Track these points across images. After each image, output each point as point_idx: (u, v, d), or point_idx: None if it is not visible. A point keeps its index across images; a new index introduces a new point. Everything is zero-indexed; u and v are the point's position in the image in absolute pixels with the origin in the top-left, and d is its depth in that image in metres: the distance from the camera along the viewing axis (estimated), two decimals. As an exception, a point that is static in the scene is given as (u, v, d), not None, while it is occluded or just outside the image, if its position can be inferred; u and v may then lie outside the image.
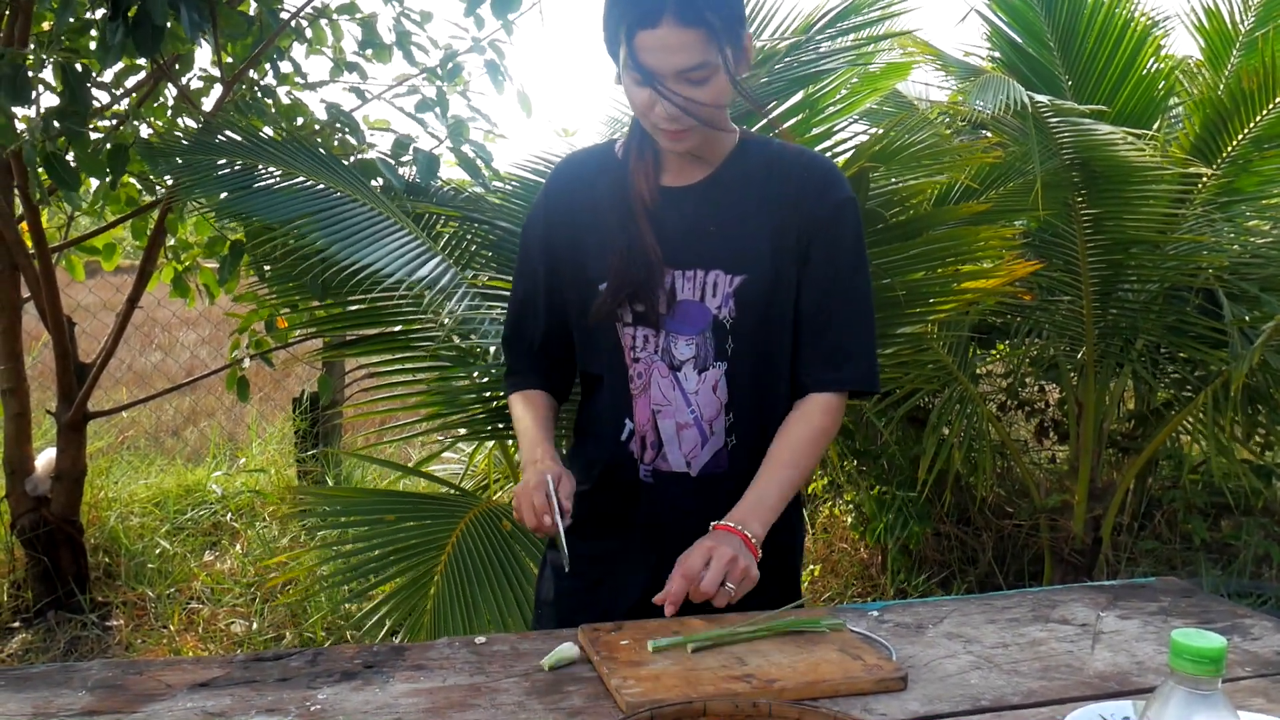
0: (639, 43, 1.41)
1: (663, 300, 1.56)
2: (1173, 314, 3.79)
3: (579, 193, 1.65)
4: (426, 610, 2.47)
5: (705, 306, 1.56)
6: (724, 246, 1.56)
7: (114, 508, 4.54)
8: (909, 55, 4.10)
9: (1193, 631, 0.91)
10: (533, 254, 1.69)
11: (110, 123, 3.52)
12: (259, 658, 1.38)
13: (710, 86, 1.46)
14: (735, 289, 1.55)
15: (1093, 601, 1.63)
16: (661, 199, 1.59)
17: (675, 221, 1.58)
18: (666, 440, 1.60)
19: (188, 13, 2.72)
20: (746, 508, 1.52)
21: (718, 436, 1.60)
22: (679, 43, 1.40)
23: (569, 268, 1.64)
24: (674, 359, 1.58)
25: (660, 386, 1.59)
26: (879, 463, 4.41)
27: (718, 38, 1.42)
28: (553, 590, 1.74)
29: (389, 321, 3.06)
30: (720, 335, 1.57)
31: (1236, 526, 4.53)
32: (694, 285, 1.56)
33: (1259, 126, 3.60)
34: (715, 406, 1.59)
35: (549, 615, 1.72)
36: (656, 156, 1.61)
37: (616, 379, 1.62)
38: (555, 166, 1.72)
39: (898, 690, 1.29)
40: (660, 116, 1.47)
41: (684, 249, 1.56)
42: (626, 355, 1.60)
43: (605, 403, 1.66)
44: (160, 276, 4.03)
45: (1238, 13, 4.24)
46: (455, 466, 4.19)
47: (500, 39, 3.75)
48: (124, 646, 3.66)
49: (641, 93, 1.47)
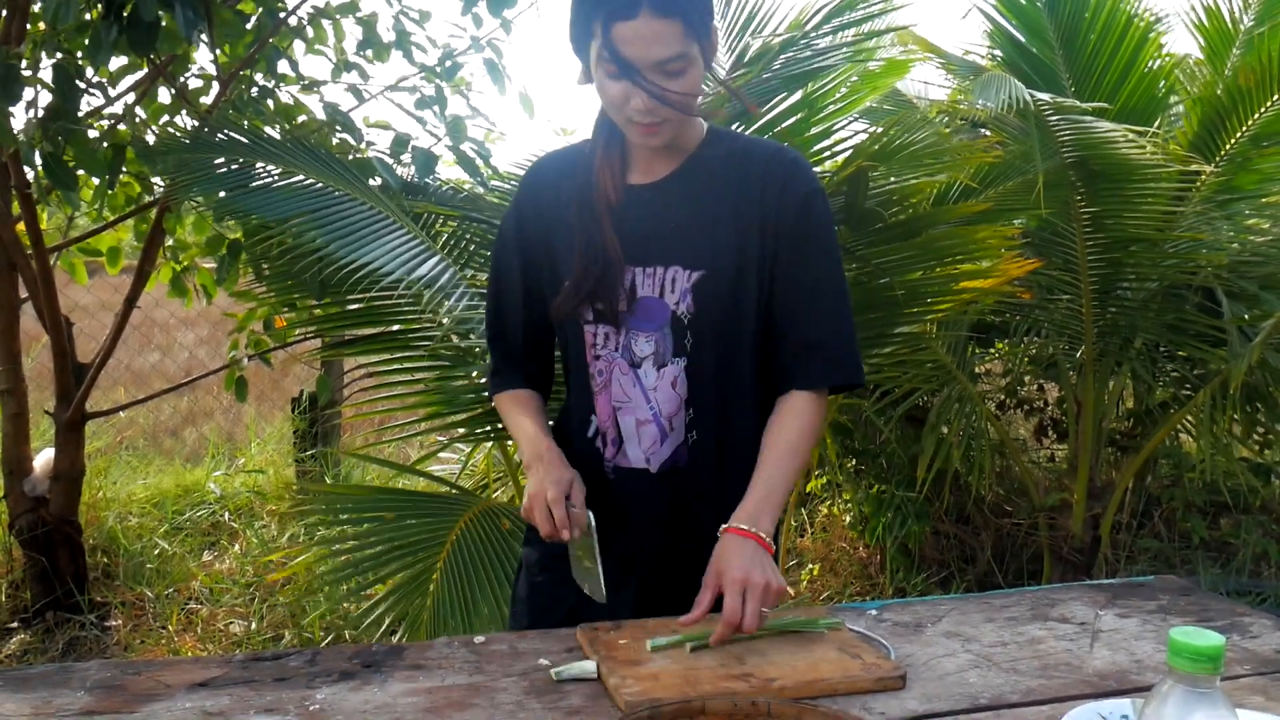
0: (616, 34, 1.41)
1: (623, 298, 1.56)
2: (1172, 312, 3.79)
3: (549, 191, 1.65)
4: (426, 608, 2.47)
5: (664, 302, 1.56)
6: (684, 242, 1.56)
7: (112, 508, 4.53)
8: (909, 53, 4.10)
9: (1191, 630, 0.91)
10: (508, 252, 1.69)
11: (108, 122, 3.51)
12: (257, 657, 1.38)
13: (686, 78, 1.46)
14: (693, 284, 1.55)
15: (1091, 600, 1.63)
16: (626, 197, 1.59)
17: (638, 219, 1.58)
18: (627, 437, 1.61)
19: (182, 11, 2.72)
20: (754, 500, 1.50)
21: (677, 432, 1.60)
22: (656, 34, 1.40)
23: (542, 265, 1.66)
24: (634, 356, 1.58)
25: (620, 383, 1.59)
26: (878, 462, 4.41)
27: (694, 29, 1.43)
28: (526, 587, 1.74)
29: (388, 321, 3.05)
30: (679, 331, 1.56)
31: (1235, 525, 4.53)
32: (654, 282, 1.56)
33: (1257, 124, 3.60)
34: (675, 402, 1.59)
35: (522, 612, 1.73)
36: (623, 154, 1.61)
37: (580, 376, 1.64)
38: (531, 165, 1.73)
39: (897, 689, 1.29)
40: (636, 109, 1.47)
41: (645, 246, 1.57)
42: (588, 352, 1.61)
43: (573, 400, 1.68)
44: (158, 276, 4.02)
45: (1237, 11, 4.23)
46: (454, 466, 4.19)
47: (499, 38, 3.75)
48: (122, 647, 3.66)
49: (616, 86, 1.46)
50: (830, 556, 4.63)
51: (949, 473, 4.03)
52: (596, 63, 1.47)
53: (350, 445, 5.27)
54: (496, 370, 1.77)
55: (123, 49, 2.84)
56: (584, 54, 1.50)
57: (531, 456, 1.59)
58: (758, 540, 1.44)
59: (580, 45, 1.50)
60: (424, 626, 2.44)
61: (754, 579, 1.39)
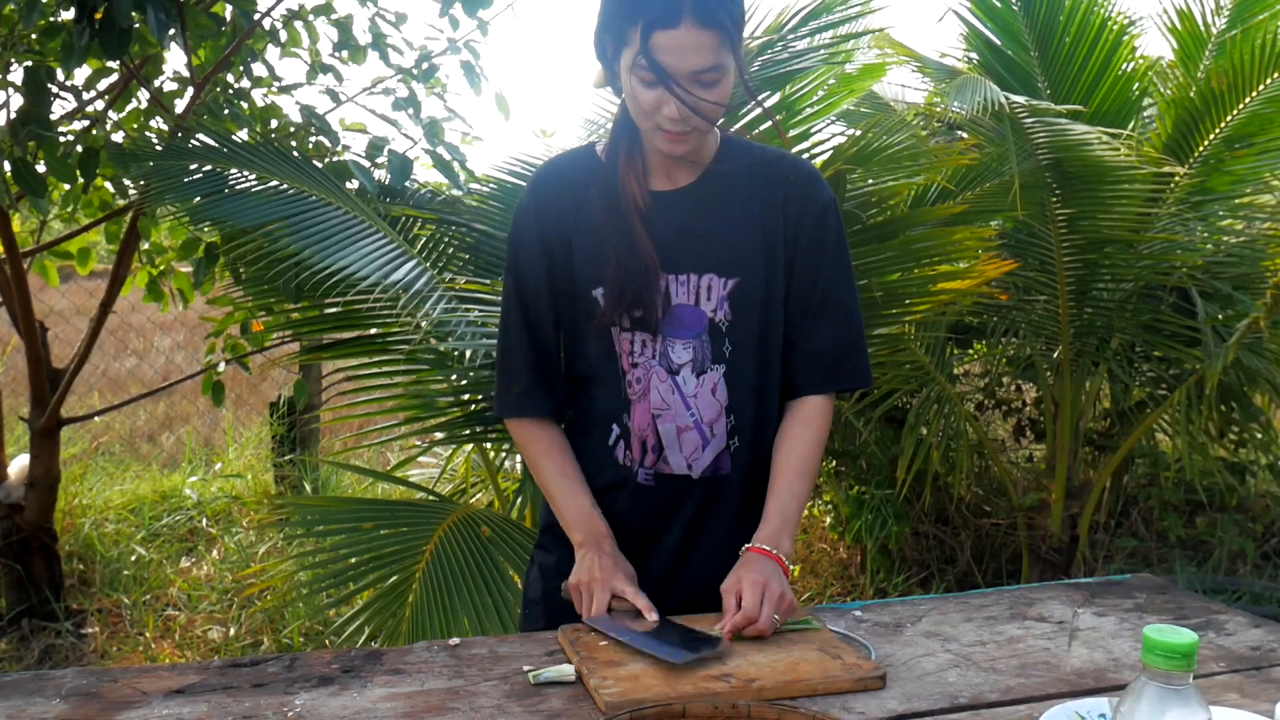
0: (656, 42, 1.41)
1: (659, 305, 1.57)
2: (1147, 313, 3.81)
3: (568, 196, 1.62)
4: (405, 618, 2.46)
5: (700, 310, 1.57)
6: (716, 250, 1.57)
7: (88, 514, 4.50)
8: (885, 56, 4.12)
9: (1165, 627, 0.92)
10: (532, 258, 1.63)
11: (81, 125, 3.48)
12: (235, 664, 1.37)
13: (719, 88, 1.47)
14: (729, 292, 1.57)
15: (1069, 599, 1.64)
16: (653, 202, 1.59)
17: (666, 225, 1.58)
18: (667, 443, 1.60)
19: (154, 13, 2.70)
20: (773, 526, 1.55)
21: (719, 439, 1.61)
22: (696, 44, 1.41)
23: (561, 271, 1.62)
24: (671, 363, 1.58)
25: (659, 390, 1.59)
26: (858, 463, 4.43)
27: (730, 39, 1.44)
28: (540, 590, 1.73)
29: (366, 325, 3.04)
30: (717, 338, 1.58)
31: (1211, 523, 4.57)
32: (688, 289, 1.57)
33: (1229, 126, 3.64)
34: (715, 409, 1.60)
35: (537, 614, 1.72)
36: (644, 160, 1.60)
37: (609, 383, 1.62)
38: (538, 170, 1.70)
39: (877, 689, 1.29)
40: (667, 118, 1.47)
41: (676, 253, 1.57)
42: (624, 360, 1.60)
43: (596, 406, 1.65)
44: (134, 281, 3.99)
45: (1209, 14, 4.27)
46: (433, 470, 4.17)
47: (476, 39, 3.73)
48: (99, 654, 3.62)
49: (650, 94, 1.46)
50: (811, 558, 4.64)
51: (928, 473, 4.04)
52: (630, 69, 1.46)
53: (329, 449, 5.24)
54: (524, 391, 1.66)
55: (95, 53, 2.82)
56: (609, 58, 1.50)
57: (589, 538, 1.57)
58: (777, 560, 1.50)
59: (607, 49, 1.49)
60: (403, 637, 2.43)
61: (772, 586, 1.45)
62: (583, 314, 1.61)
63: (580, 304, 1.60)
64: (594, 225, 1.59)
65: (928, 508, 4.45)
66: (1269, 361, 3.58)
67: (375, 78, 3.82)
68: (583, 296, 1.59)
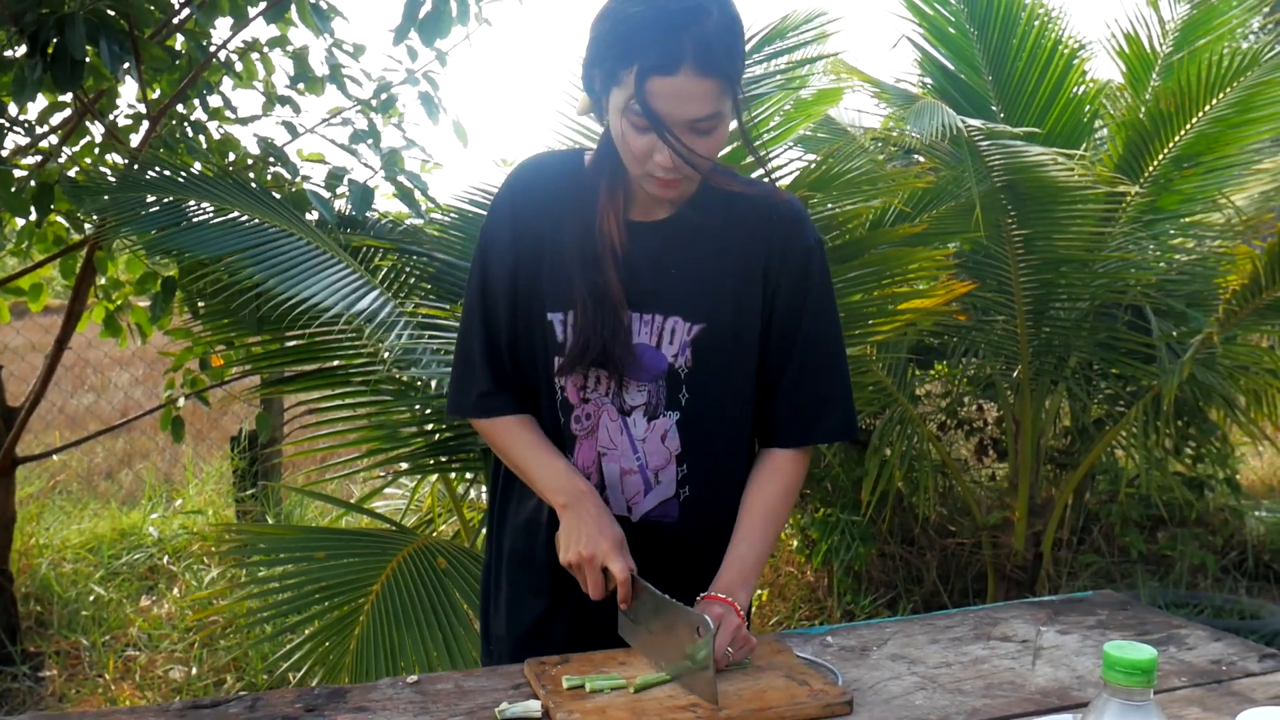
0: (652, 88, 1.34)
1: (621, 349, 1.50)
2: (1103, 331, 3.87)
3: (546, 210, 1.55)
4: (350, 650, 2.41)
5: (661, 354, 1.51)
6: (685, 291, 1.51)
7: (45, 554, 4.41)
8: (840, 81, 4.17)
9: (1124, 644, 0.92)
10: (501, 256, 1.55)
11: (35, 160, 3.44)
12: (196, 704, 1.34)
13: (714, 137, 1.41)
14: (693, 338, 1.51)
15: (1033, 617, 1.65)
16: (628, 233, 1.52)
17: (639, 259, 1.51)
18: (609, 484, 1.55)
19: (107, 45, 2.68)
20: (730, 576, 1.48)
21: (665, 485, 1.55)
22: (694, 92, 1.35)
23: (527, 282, 1.55)
24: (624, 404, 1.53)
25: (609, 430, 1.54)
26: (822, 485, 4.44)
27: (731, 86, 1.38)
28: (505, 625, 1.68)
29: (327, 356, 3.01)
30: (674, 384, 1.52)
31: (1172, 538, 4.62)
32: (651, 330, 1.51)
33: (1178, 147, 3.72)
34: (664, 456, 1.54)
35: (503, 650, 1.66)
36: (627, 190, 1.53)
37: (563, 417, 1.56)
38: (520, 167, 1.59)
39: (844, 715, 1.29)
40: (658, 165, 1.40)
41: (645, 291, 1.51)
42: (573, 394, 1.54)
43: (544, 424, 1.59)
44: (91, 316, 3.94)
45: (1155, 39, 4.36)
46: (400, 502, 4.14)
47: (434, 70, 3.73)
48: (58, 698, 3.54)
49: (641, 139, 1.39)
50: (778, 581, 4.64)
51: (892, 494, 4.06)
52: (621, 110, 1.39)
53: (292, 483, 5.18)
54: (485, 392, 1.58)
55: (48, 86, 2.79)
56: (598, 93, 1.44)
57: (571, 498, 1.49)
58: (733, 606, 1.43)
59: (595, 84, 1.43)
60: (347, 670, 2.37)
61: (728, 618, 1.39)
62: (537, 334, 1.54)
63: (537, 325, 1.53)
64: (566, 251, 1.51)
65: (893, 529, 4.47)
66: (1223, 377, 3.64)
67: (333, 108, 3.80)
68: (541, 322, 1.53)
